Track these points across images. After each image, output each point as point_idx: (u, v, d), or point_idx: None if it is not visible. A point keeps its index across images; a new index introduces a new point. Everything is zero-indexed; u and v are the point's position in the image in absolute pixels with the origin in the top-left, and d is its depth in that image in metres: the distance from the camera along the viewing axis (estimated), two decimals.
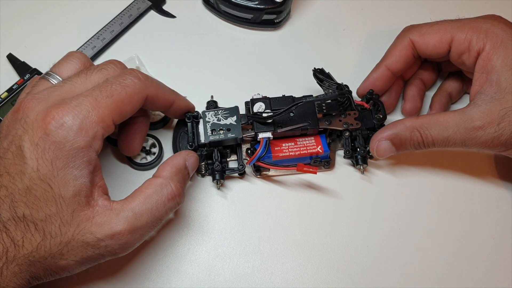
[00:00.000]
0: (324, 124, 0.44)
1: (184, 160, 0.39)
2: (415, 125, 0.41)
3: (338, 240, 0.43)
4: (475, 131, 0.39)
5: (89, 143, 0.33)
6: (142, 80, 0.37)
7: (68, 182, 0.33)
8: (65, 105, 0.33)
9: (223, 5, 0.51)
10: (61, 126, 0.32)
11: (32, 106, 0.34)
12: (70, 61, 0.38)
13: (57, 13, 0.52)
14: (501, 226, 0.45)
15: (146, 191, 0.36)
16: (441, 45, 0.43)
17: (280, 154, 0.44)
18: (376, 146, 0.42)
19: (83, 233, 0.33)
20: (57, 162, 0.32)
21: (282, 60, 0.51)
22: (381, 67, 0.46)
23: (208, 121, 0.43)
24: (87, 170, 0.34)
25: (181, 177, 0.38)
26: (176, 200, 0.37)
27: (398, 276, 0.42)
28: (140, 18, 0.53)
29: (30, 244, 0.32)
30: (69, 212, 0.33)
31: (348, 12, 0.55)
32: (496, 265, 0.43)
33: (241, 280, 0.42)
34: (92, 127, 0.33)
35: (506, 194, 0.46)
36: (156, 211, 0.36)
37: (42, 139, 0.32)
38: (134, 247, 0.36)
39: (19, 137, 0.33)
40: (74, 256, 0.34)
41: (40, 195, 0.32)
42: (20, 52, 0.50)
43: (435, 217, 0.45)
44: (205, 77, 0.50)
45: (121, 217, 0.34)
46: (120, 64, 0.38)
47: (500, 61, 0.40)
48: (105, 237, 0.34)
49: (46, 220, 0.32)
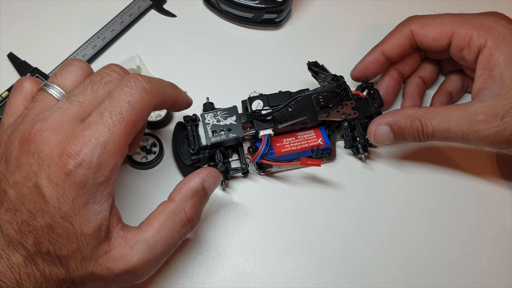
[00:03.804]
0: (322, 116, 0.44)
1: (201, 181, 0.37)
2: (417, 114, 0.41)
3: (339, 238, 0.43)
4: (477, 125, 0.39)
5: (109, 176, 0.33)
6: (149, 90, 0.34)
7: (90, 218, 0.32)
8: (78, 139, 0.32)
9: (223, 4, 0.51)
10: (79, 165, 0.31)
11: (44, 138, 0.32)
12: (71, 71, 0.36)
13: (58, 12, 0.52)
14: (502, 225, 0.45)
15: (160, 218, 0.35)
16: (441, 38, 0.43)
17: (282, 150, 0.44)
18: (374, 130, 0.42)
19: (101, 268, 0.33)
20: (79, 200, 0.32)
21: (282, 59, 0.51)
22: (376, 51, 0.46)
23: (208, 123, 0.43)
24: (108, 203, 0.33)
25: (197, 200, 0.37)
26: (190, 225, 0.36)
27: (399, 275, 0.42)
28: (140, 17, 0.53)
29: (57, 277, 0.32)
30: (90, 248, 0.32)
31: (349, 11, 0.55)
32: (497, 265, 0.43)
33: (241, 279, 0.42)
34: (110, 160, 0.32)
35: (507, 193, 0.46)
36: (170, 239, 0.35)
37: (62, 179, 0.31)
38: (150, 275, 0.36)
39: (34, 174, 0.32)
40: (94, 286, 0.34)
41: (62, 232, 0.32)
42: (21, 51, 0.50)
43: (436, 212, 0.45)
44: (206, 76, 0.50)
45: (135, 250, 0.34)
46: (123, 70, 0.37)
47: (503, 57, 0.40)
48: (122, 272, 0.33)
49: (69, 256, 0.32)
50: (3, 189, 0.32)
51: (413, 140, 0.42)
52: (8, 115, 0.36)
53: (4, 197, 0.32)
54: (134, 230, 0.35)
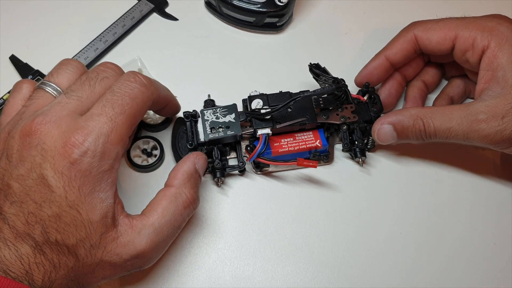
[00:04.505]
0: (321, 119, 0.44)
1: (193, 164, 0.39)
2: (419, 114, 0.41)
3: (338, 241, 0.43)
4: (478, 124, 0.39)
5: (112, 164, 0.34)
6: (148, 86, 0.36)
7: (96, 205, 0.33)
8: (82, 129, 0.33)
9: (225, 8, 0.51)
10: (84, 154, 0.32)
11: (45, 130, 0.33)
12: (67, 70, 0.37)
13: (60, 15, 0.53)
14: (504, 228, 0.44)
15: (162, 203, 0.36)
16: (445, 42, 0.43)
17: (280, 150, 0.44)
18: (378, 129, 0.43)
19: (110, 255, 0.34)
20: (84, 188, 0.32)
21: (284, 63, 0.51)
22: (380, 57, 0.46)
23: (207, 120, 0.43)
24: (112, 191, 0.34)
25: (193, 182, 0.38)
26: (192, 206, 0.38)
27: (399, 279, 0.42)
28: (142, 21, 0.53)
29: (66, 265, 0.33)
30: (98, 235, 0.33)
31: (350, 15, 0.55)
32: (498, 266, 0.43)
33: (241, 283, 0.41)
34: (113, 149, 0.34)
35: (509, 192, 0.46)
36: (174, 221, 0.36)
37: (67, 168, 0.32)
38: (158, 258, 0.37)
39: (38, 165, 0.32)
40: (103, 274, 0.35)
41: (69, 221, 0.32)
42: (23, 53, 0.50)
43: (435, 216, 0.45)
44: (206, 79, 0.50)
45: (142, 235, 0.35)
46: (118, 68, 0.38)
47: (506, 58, 0.40)
48: (131, 257, 0.34)
49: (77, 245, 0.33)
50: (6, 183, 0.33)
51: (416, 139, 0.42)
52: (6, 114, 0.37)
53: (8, 190, 0.32)
54: (138, 216, 0.36)
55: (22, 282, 0.30)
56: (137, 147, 0.45)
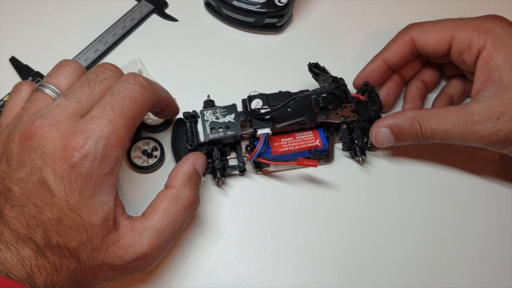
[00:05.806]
0: (321, 118, 0.44)
1: (193, 165, 0.39)
2: (416, 116, 0.42)
3: (339, 241, 0.43)
4: (473, 125, 0.39)
5: (113, 167, 0.34)
6: (148, 88, 0.36)
7: (97, 209, 0.33)
8: (82, 132, 0.33)
9: (225, 9, 0.51)
10: (85, 157, 0.32)
11: (45, 134, 0.33)
12: (65, 71, 0.37)
13: (60, 16, 0.53)
14: (504, 227, 0.44)
15: (163, 204, 0.36)
16: (441, 43, 0.43)
17: (280, 149, 0.44)
18: (375, 132, 0.43)
19: (112, 257, 0.34)
20: (85, 192, 0.32)
21: (283, 63, 0.51)
22: (377, 59, 0.46)
23: (207, 120, 0.43)
24: (112, 194, 0.34)
25: (194, 183, 0.38)
26: (193, 207, 0.38)
27: (400, 279, 0.42)
28: (142, 22, 0.53)
29: (68, 268, 0.33)
30: (99, 238, 0.33)
31: (350, 16, 0.55)
32: (499, 265, 0.43)
33: (242, 284, 0.41)
34: (114, 152, 0.33)
35: (509, 192, 0.46)
36: (175, 223, 0.36)
37: (67, 172, 0.32)
38: (159, 260, 0.37)
39: (39, 169, 0.32)
40: (105, 276, 0.35)
41: (70, 224, 0.32)
42: (23, 55, 0.50)
43: (435, 215, 0.45)
44: (206, 80, 0.50)
45: (144, 237, 0.35)
46: (117, 69, 0.38)
47: (502, 59, 0.40)
48: (132, 260, 0.34)
49: (79, 248, 0.33)
50: (7, 186, 0.33)
51: (414, 142, 0.42)
52: (6, 116, 0.37)
53: (9, 194, 0.32)
54: (139, 218, 0.36)
55: (24, 284, 0.30)
56: (138, 148, 0.45)
